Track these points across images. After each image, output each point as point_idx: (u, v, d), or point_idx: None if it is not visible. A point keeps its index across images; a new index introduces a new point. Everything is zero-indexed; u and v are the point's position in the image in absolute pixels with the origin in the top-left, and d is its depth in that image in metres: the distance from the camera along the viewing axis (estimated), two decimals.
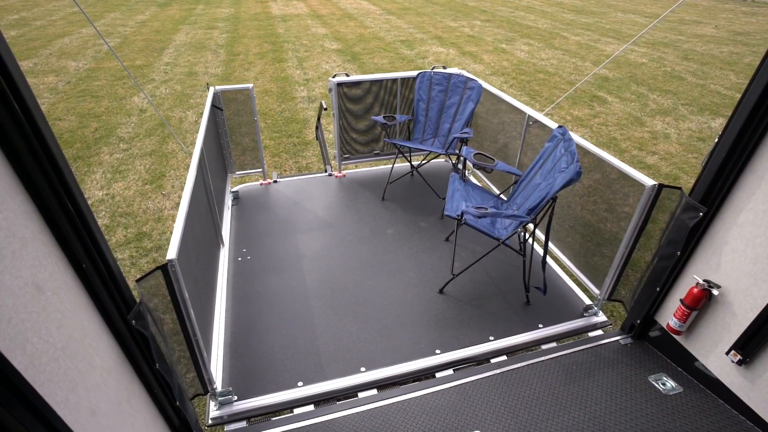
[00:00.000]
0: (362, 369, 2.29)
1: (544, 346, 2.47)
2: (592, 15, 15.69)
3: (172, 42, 10.90)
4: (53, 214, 1.09)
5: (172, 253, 1.65)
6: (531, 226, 2.88)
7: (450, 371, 2.32)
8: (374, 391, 2.21)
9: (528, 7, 16.87)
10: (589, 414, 2.05)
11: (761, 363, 1.87)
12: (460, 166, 3.25)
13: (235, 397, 2.14)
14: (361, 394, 2.20)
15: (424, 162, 4.21)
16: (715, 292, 1.99)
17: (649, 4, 17.89)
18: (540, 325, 2.57)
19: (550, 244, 3.09)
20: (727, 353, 1.98)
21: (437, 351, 2.40)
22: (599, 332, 2.58)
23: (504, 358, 2.39)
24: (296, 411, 2.12)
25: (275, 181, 4.08)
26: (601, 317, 2.65)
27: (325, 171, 4.27)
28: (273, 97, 7.54)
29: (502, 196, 3.13)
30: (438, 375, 2.30)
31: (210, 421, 2.07)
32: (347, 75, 3.81)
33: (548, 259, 3.15)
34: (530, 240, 2.95)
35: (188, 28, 12.40)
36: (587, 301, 2.73)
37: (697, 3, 18.43)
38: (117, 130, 6.26)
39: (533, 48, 10.95)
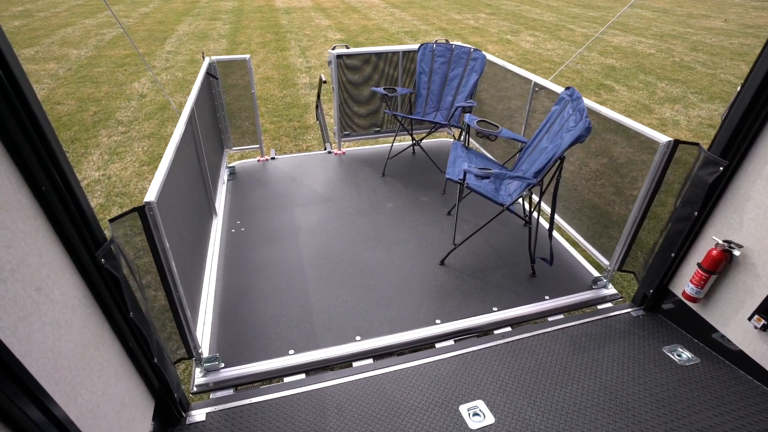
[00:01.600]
0: (357, 338, 2.17)
1: (550, 318, 2.33)
2: (598, 9, 15.49)
3: (174, 32, 10.83)
4: (6, 126, 0.97)
5: (151, 195, 1.53)
6: (536, 198, 2.76)
7: (451, 342, 2.19)
8: (369, 361, 2.08)
9: (533, 1, 16.70)
10: (600, 383, 1.91)
11: None
12: (462, 140, 3.12)
13: (222, 365, 2.02)
14: (355, 364, 2.07)
15: (425, 137, 4.08)
16: (736, 252, 1.85)
17: None
18: (546, 297, 2.43)
19: (557, 217, 2.96)
20: (750, 319, 1.83)
21: (437, 321, 2.27)
22: (609, 305, 2.44)
23: (508, 329, 2.26)
24: (286, 380, 1.99)
25: (273, 158, 3.96)
26: (611, 290, 2.51)
27: (325, 149, 4.15)
28: (274, 83, 7.43)
29: (506, 166, 2.99)
30: (438, 345, 2.17)
31: (195, 388, 1.95)
32: (347, 47, 3.69)
33: (554, 232, 3.02)
34: (535, 214, 2.83)
35: (191, 19, 12.34)
36: (596, 274, 2.59)
37: None
38: (116, 113, 6.17)
39: (539, 39, 10.79)
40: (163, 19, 12.38)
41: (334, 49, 3.65)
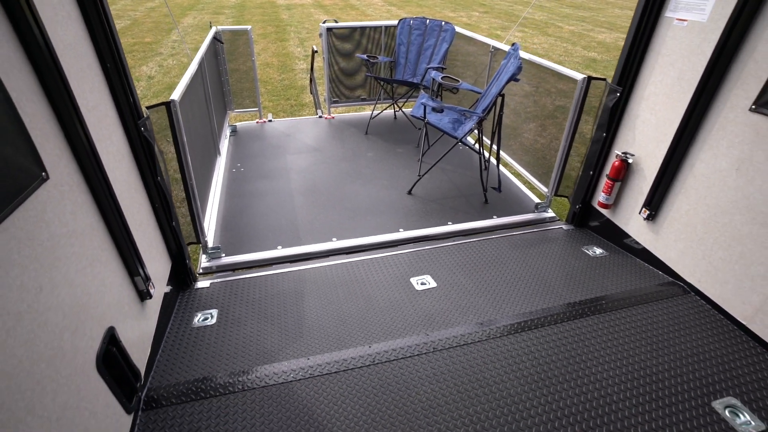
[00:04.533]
0: (334, 239, 2.66)
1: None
2: (589, 10, 16.06)
3: (180, 24, 11.38)
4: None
5: (175, 95, 2.03)
6: (488, 142, 3.26)
7: (410, 244, 2.68)
8: (343, 255, 2.57)
9: (527, 1, 17.28)
10: (525, 267, 2.40)
11: (663, 215, 2.22)
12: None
13: (224, 254, 2.51)
14: (331, 257, 2.56)
15: (403, 99, 4.60)
16: (630, 160, 2.35)
17: None
18: (494, 216, 2.92)
19: (510, 159, 3.47)
20: (640, 212, 2.33)
21: (400, 229, 2.76)
22: (547, 225, 2.93)
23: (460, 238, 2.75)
24: (274, 267, 2.48)
25: (270, 121, 4.47)
26: (550, 213, 3.00)
27: (317, 114, 4.66)
28: (274, 69, 7.95)
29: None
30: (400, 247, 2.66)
31: (201, 270, 2.44)
32: (336, 21, 4.21)
33: (506, 171, 3.53)
34: (487, 155, 3.33)
35: (196, 13, 12.90)
36: (538, 201, 3.08)
37: None
38: None
39: (526, 35, 11.33)
40: (169, 13, 12.95)
41: (324, 23, 4.17)
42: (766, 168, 1.74)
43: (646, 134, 2.26)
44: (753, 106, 1.74)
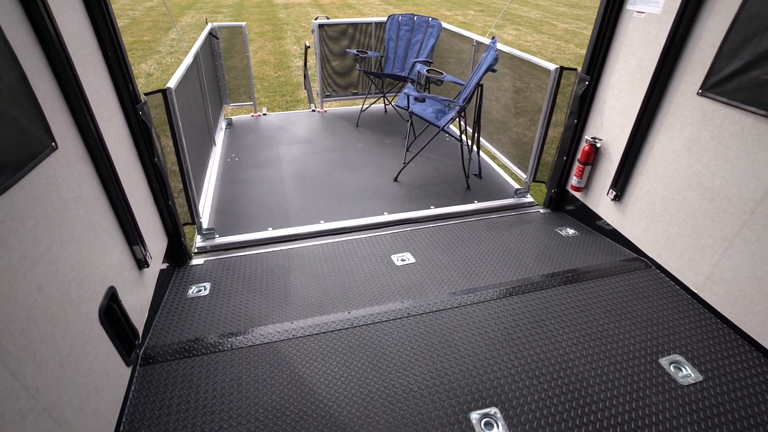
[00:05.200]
0: (321, 221, 2.81)
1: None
2: (585, 8, 16.20)
3: (178, 23, 11.53)
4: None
5: (171, 83, 2.18)
6: (470, 131, 3.41)
7: (394, 227, 2.83)
8: (330, 236, 2.72)
9: (525, 0, 17.43)
10: (501, 245, 2.56)
11: (627, 195, 2.38)
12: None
13: (217, 235, 2.66)
14: (319, 238, 2.71)
15: (392, 94, 4.75)
16: (598, 144, 2.50)
17: None
18: (475, 201, 3.08)
19: (491, 146, 3.63)
20: (607, 194, 2.48)
21: (385, 213, 2.91)
22: (525, 209, 3.08)
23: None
24: (265, 246, 2.63)
25: (264, 114, 4.63)
26: (529, 198, 3.16)
27: (310, 108, 4.82)
28: (270, 66, 8.11)
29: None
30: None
31: (196, 249, 2.59)
32: (327, 18, 4.36)
33: (488, 159, 3.69)
34: (470, 142, 3.48)
35: (194, 12, 13.06)
36: (517, 186, 3.24)
37: None
38: None
39: (521, 32, 11.48)
40: (167, 12, 13.11)
41: (316, 19, 4.32)
42: (711, 147, 1.89)
43: (612, 119, 2.42)
44: (700, 90, 1.90)
